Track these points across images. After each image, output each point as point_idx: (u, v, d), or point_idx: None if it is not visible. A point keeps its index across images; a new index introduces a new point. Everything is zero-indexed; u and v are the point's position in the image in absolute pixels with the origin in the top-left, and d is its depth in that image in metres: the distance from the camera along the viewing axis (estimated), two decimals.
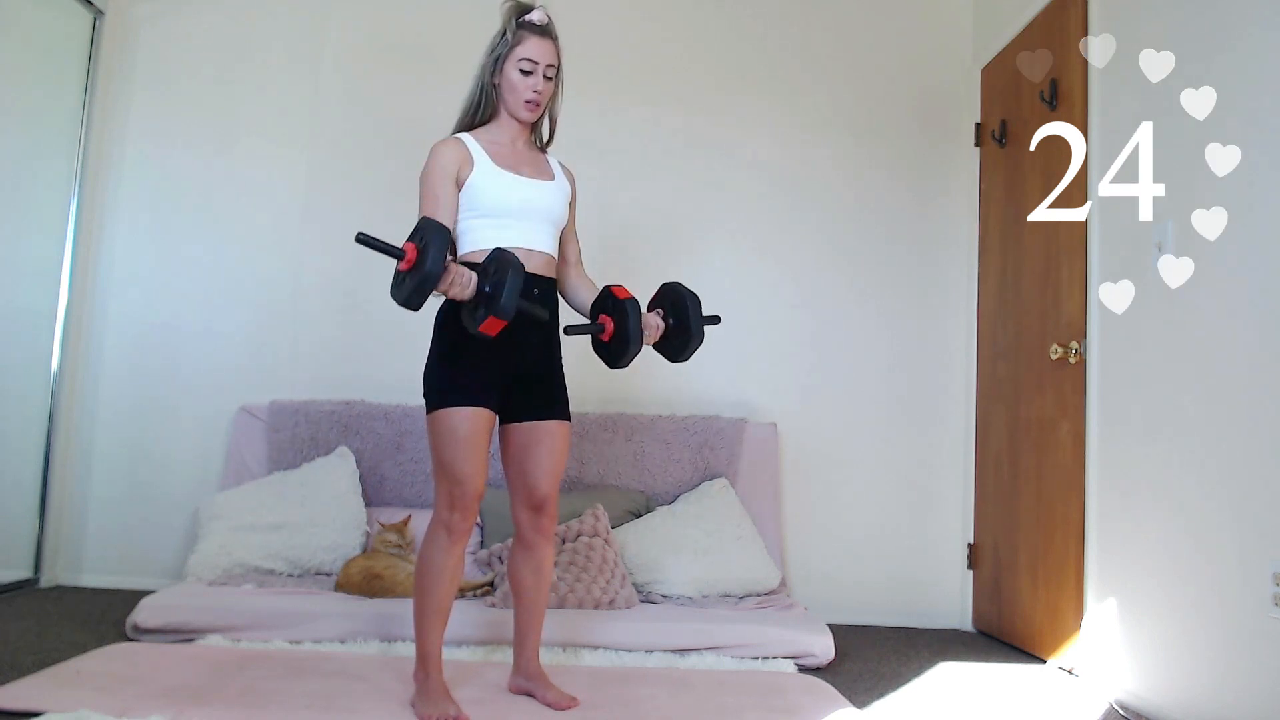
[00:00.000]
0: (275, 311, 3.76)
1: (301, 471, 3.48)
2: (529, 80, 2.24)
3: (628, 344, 2.19)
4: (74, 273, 3.62)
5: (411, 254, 1.96)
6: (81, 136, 3.64)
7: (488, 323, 1.99)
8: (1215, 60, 2.39)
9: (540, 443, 2.26)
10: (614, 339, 2.22)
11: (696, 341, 2.28)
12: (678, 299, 2.30)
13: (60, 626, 2.89)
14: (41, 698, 2.09)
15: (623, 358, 2.22)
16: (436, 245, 1.93)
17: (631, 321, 2.18)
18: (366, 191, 3.79)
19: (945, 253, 3.89)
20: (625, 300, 2.20)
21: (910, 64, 3.95)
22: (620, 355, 2.22)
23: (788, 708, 2.32)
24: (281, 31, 3.87)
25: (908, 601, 3.73)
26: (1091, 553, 2.86)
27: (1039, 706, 2.61)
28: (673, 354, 2.33)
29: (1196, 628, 2.36)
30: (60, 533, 3.61)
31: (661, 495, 3.62)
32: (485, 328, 2.00)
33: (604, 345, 2.27)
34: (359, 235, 1.95)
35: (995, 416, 3.58)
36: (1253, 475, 2.19)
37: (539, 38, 2.24)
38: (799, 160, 3.90)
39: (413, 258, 1.96)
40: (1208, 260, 2.37)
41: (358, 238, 1.95)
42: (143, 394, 3.70)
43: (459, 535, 2.16)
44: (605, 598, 3.02)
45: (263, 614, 2.77)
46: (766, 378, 3.83)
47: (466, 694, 2.25)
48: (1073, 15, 3.07)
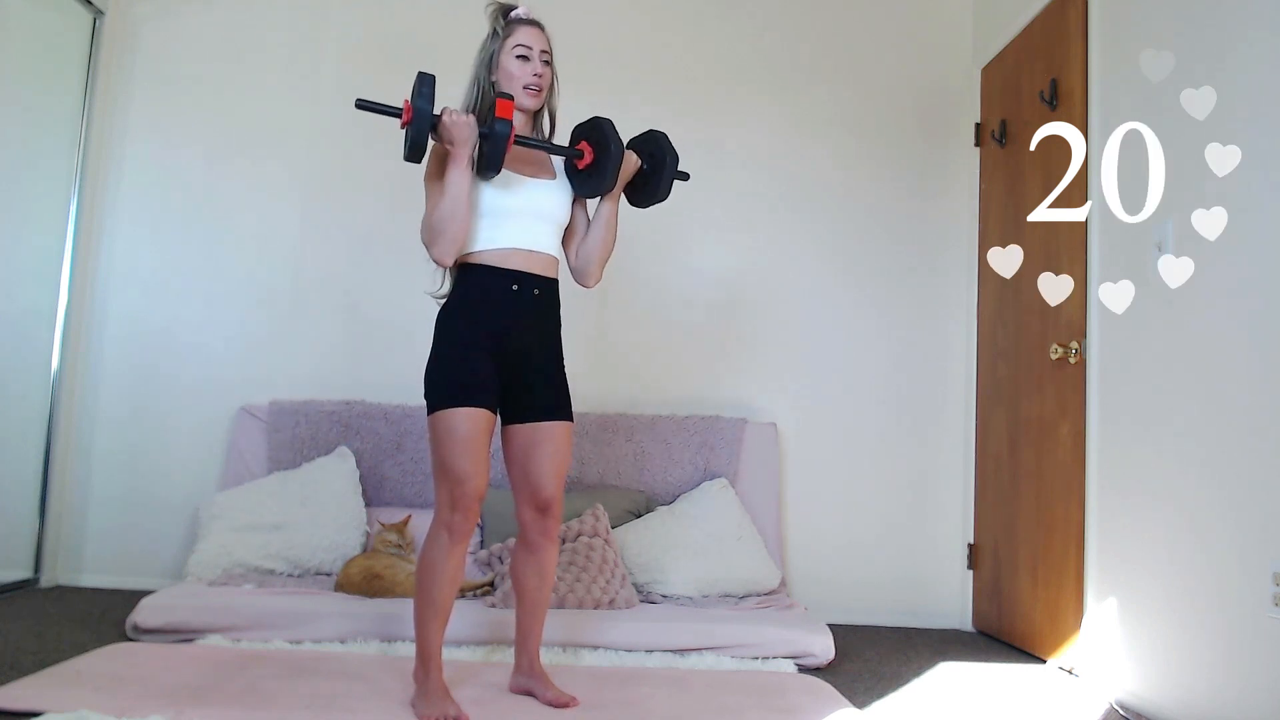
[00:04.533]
0: (275, 311, 3.76)
1: (301, 471, 3.48)
2: (527, 66, 2.26)
3: (609, 151, 2.22)
4: (74, 273, 3.62)
5: (408, 108, 2.07)
6: (81, 136, 3.64)
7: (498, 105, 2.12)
8: (1215, 60, 2.39)
9: (543, 444, 2.26)
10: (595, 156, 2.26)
11: (672, 169, 2.31)
12: (646, 138, 2.35)
13: (60, 626, 2.89)
14: (41, 698, 2.08)
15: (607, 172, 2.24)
16: (425, 91, 2.06)
17: (608, 127, 2.24)
18: (366, 191, 3.79)
19: (945, 253, 3.89)
20: (595, 118, 2.28)
21: (910, 64, 3.95)
22: (593, 186, 2.28)
23: (788, 708, 2.32)
24: (282, 31, 3.87)
25: (908, 601, 3.73)
26: (1091, 553, 2.86)
27: (1039, 706, 2.61)
28: (651, 192, 2.35)
29: (1196, 628, 2.36)
30: (60, 533, 3.61)
31: (661, 495, 3.62)
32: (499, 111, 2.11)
33: (587, 175, 2.29)
34: (358, 101, 2.10)
35: (995, 416, 3.58)
36: (1253, 475, 2.19)
37: (529, 26, 2.29)
38: (799, 160, 3.90)
39: (410, 113, 2.07)
40: (1208, 260, 2.37)
41: (357, 103, 2.09)
42: (143, 394, 3.70)
43: (460, 536, 2.15)
44: (605, 598, 3.02)
45: (263, 614, 2.77)
46: (766, 378, 3.83)
47: (467, 694, 2.25)
48: (1073, 15, 3.07)
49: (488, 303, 2.20)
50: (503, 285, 2.21)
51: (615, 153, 2.23)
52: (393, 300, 3.69)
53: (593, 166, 2.27)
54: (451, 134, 2.12)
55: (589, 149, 2.27)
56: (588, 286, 2.41)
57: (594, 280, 2.39)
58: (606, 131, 2.25)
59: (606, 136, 2.24)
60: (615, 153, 2.23)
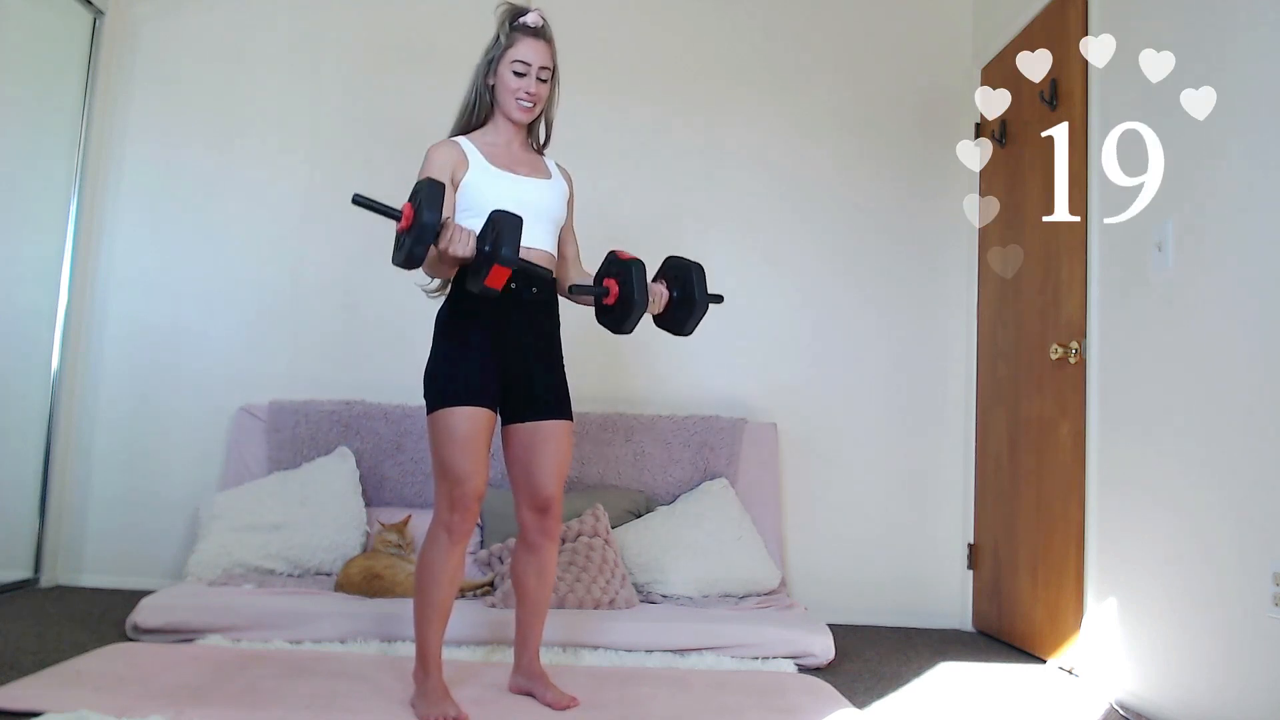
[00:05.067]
0: (275, 311, 3.76)
1: (301, 471, 3.48)
2: (522, 82, 2.24)
3: (632, 305, 2.19)
4: (74, 273, 3.62)
5: (409, 214, 1.97)
6: (81, 136, 3.64)
7: (491, 275, 1.98)
8: (1215, 60, 2.39)
9: (544, 444, 2.26)
10: (618, 301, 2.22)
11: (700, 312, 2.28)
12: (682, 270, 2.30)
13: (60, 626, 2.89)
14: (41, 698, 2.08)
15: (627, 320, 2.22)
16: (432, 202, 1.94)
17: (635, 280, 2.18)
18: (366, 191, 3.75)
19: (945, 253, 3.89)
20: (629, 261, 2.20)
21: (910, 64, 3.95)
22: (625, 318, 2.22)
23: (788, 708, 2.32)
24: (282, 31, 3.87)
25: (908, 601, 3.73)
26: (1091, 553, 2.86)
27: (1039, 706, 2.61)
28: (677, 326, 2.32)
29: (1196, 628, 2.36)
30: (60, 533, 3.61)
31: (661, 495, 3.62)
32: (490, 281, 1.99)
33: (608, 310, 2.26)
34: (355, 196, 1.97)
35: (995, 416, 3.58)
36: (1253, 475, 2.19)
37: (533, 39, 2.24)
38: (799, 160, 3.90)
39: (410, 217, 1.97)
40: (1208, 260, 2.37)
41: (354, 199, 1.97)
42: (143, 394, 3.70)
43: (460, 536, 2.15)
44: (605, 598, 3.02)
45: (263, 614, 2.77)
46: (766, 378, 3.83)
47: (466, 694, 2.25)
48: (1073, 15, 3.07)
49: (487, 302, 2.20)
50: None
51: (639, 305, 2.19)
52: (393, 300, 3.69)
53: (616, 306, 2.24)
54: (449, 253, 2.02)
55: (615, 289, 2.23)
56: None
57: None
58: (633, 281, 2.19)
59: (633, 289, 2.19)
60: (639, 305, 2.19)
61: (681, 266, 2.31)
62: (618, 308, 2.23)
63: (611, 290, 2.23)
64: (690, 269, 2.29)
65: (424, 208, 1.94)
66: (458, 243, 2.01)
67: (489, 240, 2.00)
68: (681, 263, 2.31)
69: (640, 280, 2.19)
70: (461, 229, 2.02)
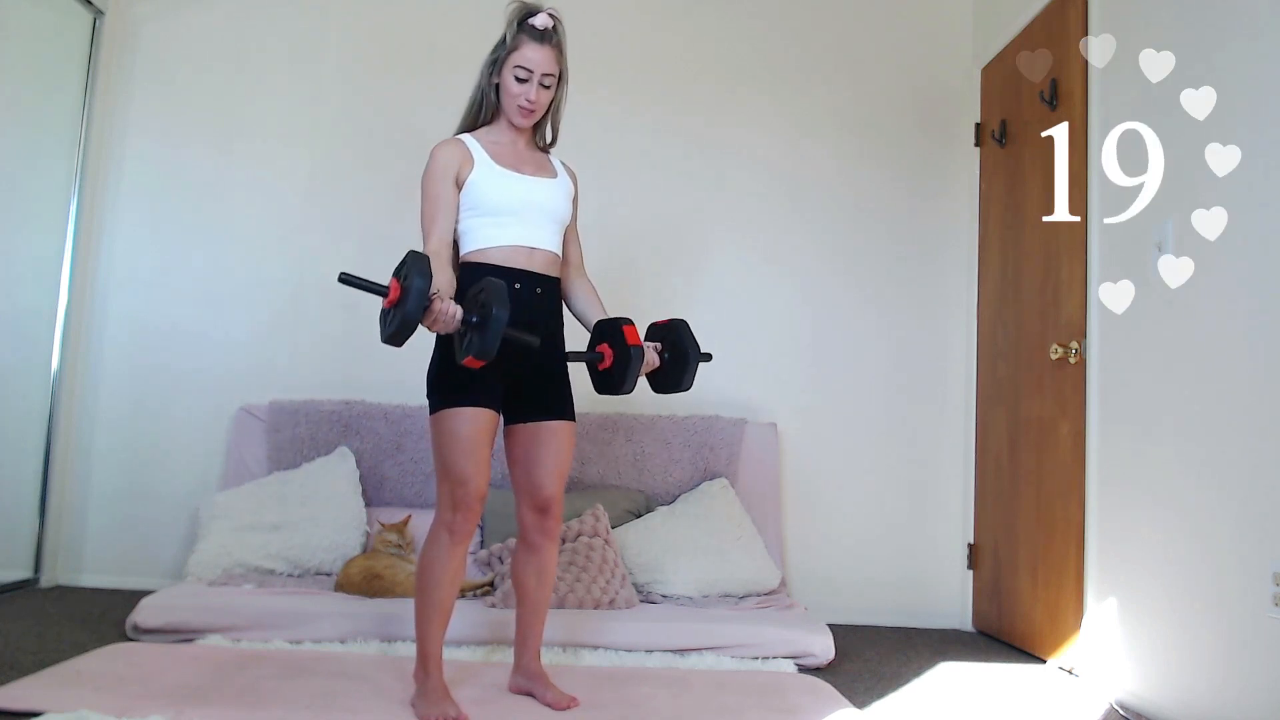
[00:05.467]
0: (275, 312, 3.76)
1: (301, 471, 3.48)
2: (523, 88, 2.22)
3: (622, 384, 2.24)
4: (74, 273, 3.62)
5: (395, 291, 1.92)
6: (81, 136, 3.64)
7: (468, 360, 1.97)
8: (1215, 60, 2.39)
9: (545, 444, 2.26)
10: (611, 373, 2.27)
11: (695, 365, 2.33)
12: (668, 330, 2.35)
13: (60, 626, 2.89)
14: (41, 698, 2.08)
15: (610, 391, 2.30)
16: (418, 284, 1.87)
17: (632, 369, 2.23)
18: (367, 191, 3.79)
19: (945, 253, 3.89)
20: (632, 347, 2.22)
21: (910, 64, 3.95)
22: (609, 389, 2.29)
23: (788, 708, 2.32)
24: (282, 31, 3.87)
25: (908, 601, 3.73)
26: (1091, 553, 2.86)
27: (1039, 706, 2.61)
28: (674, 384, 2.37)
29: (1196, 628, 2.36)
30: (60, 533, 3.61)
31: (661, 495, 3.62)
32: (467, 363, 1.98)
33: (596, 371, 2.31)
34: (341, 275, 1.93)
35: (995, 416, 3.58)
36: (1253, 475, 2.19)
37: (538, 45, 2.21)
38: (799, 160, 3.90)
39: (395, 295, 1.92)
40: (1208, 260, 2.37)
41: (340, 278, 1.93)
42: (143, 394, 3.70)
43: (461, 537, 2.15)
44: (605, 598, 3.02)
45: (263, 614, 2.77)
46: (766, 378, 3.83)
47: (467, 694, 2.25)
48: (1073, 15, 3.07)
49: None
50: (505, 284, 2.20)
51: (635, 363, 2.22)
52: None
53: (611, 370, 2.28)
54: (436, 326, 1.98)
55: (609, 354, 2.26)
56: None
57: None
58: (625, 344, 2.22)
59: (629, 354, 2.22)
60: (635, 363, 2.22)
61: (667, 327, 2.36)
62: (608, 377, 2.28)
63: (605, 357, 2.27)
64: (677, 327, 2.34)
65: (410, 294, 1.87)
66: (443, 322, 1.97)
67: (476, 312, 1.96)
68: (666, 324, 2.37)
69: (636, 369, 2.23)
70: (447, 308, 1.96)
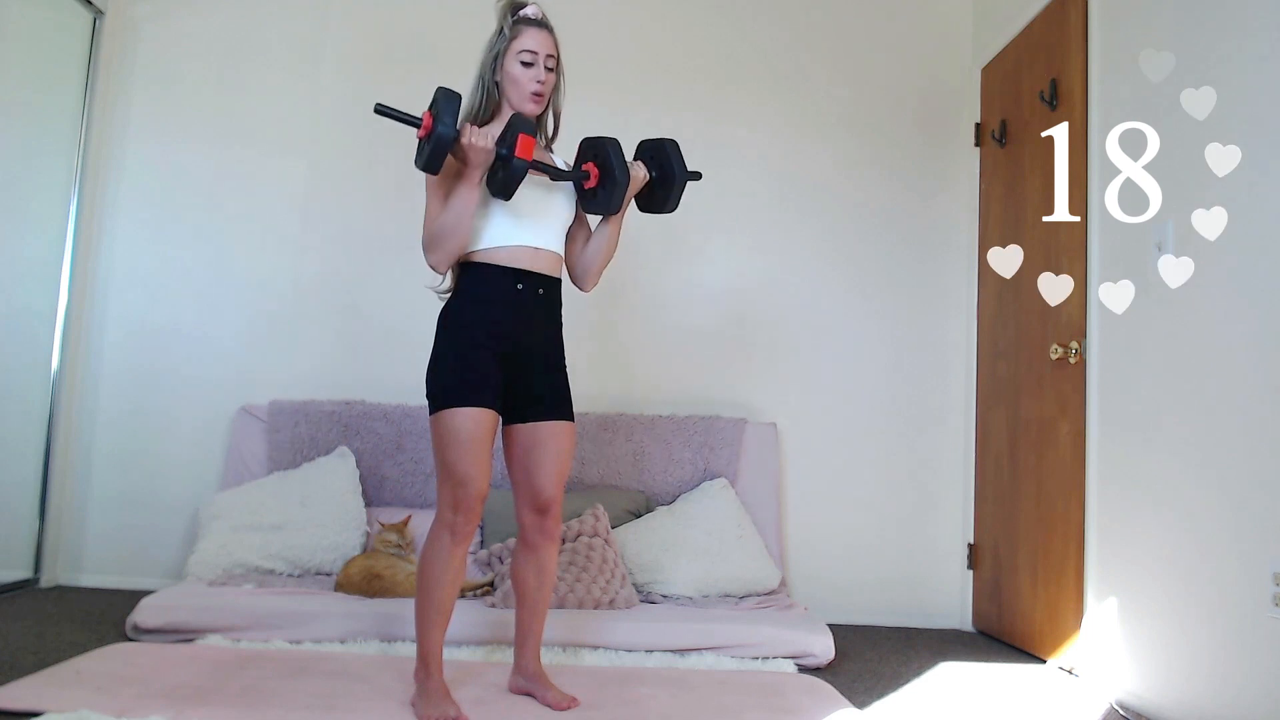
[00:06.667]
0: (275, 312, 3.76)
1: (301, 471, 3.48)
2: (531, 72, 2.24)
3: (614, 177, 2.22)
4: (74, 273, 3.62)
5: (428, 121, 2.06)
6: (81, 136, 3.64)
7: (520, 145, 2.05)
8: (1215, 60, 2.39)
9: (545, 444, 2.26)
10: (601, 179, 2.25)
11: (680, 185, 2.30)
12: (657, 148, 2.33)
13: (60, 626, 2.89)
14: (41, 698, 2.09)
15: (599, 211, 2.27)
16: (449, 110, 2.05)
17: (613, 155, 2.22)
18: (367, 191, 3.80)
19: (945, 253, 3.89)
20: (603, 139, 2.24)
21: (910, 64, 3.95)
22: (610, 195, 2.25)
23: (788, 708, 2.32)
24: (282, 31, 3.87)
25: (908, 601, 3.73)
26: (1091, 553, 2.86)
27: (1039, 706, 2.61)
28: (660, 204, 2.35)
29: (1196, 628, 2.36)
30: (60, 533, 3.61)
31: (661, 495, 3.62)
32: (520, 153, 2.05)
33: (593, 194, 2.29)
34: (378, 106, 2.06)
35: (995, 416, 3.58)
36: (1253, 475, 2.19)
37: (536, 29, 2.25)
38: (799, 160, 3.90)
39: (429, 124, 2.05)
40: (1208, 260, 2.37)
41: (376, 108, 2.06)
42: (143, 394, 3.70)
43: (462, 537, 2.15)
44: (605, 598, 3.02)
45: (263, 614, 2.77)
46: (766, 378, 3.83)
47: (467, 694, 2.25)
48: (1073, 15, 3.07)
49: (492, 301, 2.20)
50: (507, 284, 2.20)
51: (620, 179, 2.22)
52: (393, 300, 3.69)
53: (599, 188, 2.27)
54: (469, 156, 2.08)
55: (595, 170, 2.26)
56: (584, 290, 2.43)
57: (591, 285, 2.40)
58: (611, 157, 2.22)
59: (611, 163, 2.22)
60: (620, 179, 2.22)
61: (656, 144, 2.34)
62: (601, 187, 2.26)
63: (592, 173, 2.26)
64: (665, 145, 2.32)
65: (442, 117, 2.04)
66: (477, 145, 2.06)
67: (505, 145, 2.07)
68: (655, 141, 2.35)
69: (618, 154, 2.23)
70: (478, 130, 2.08)
